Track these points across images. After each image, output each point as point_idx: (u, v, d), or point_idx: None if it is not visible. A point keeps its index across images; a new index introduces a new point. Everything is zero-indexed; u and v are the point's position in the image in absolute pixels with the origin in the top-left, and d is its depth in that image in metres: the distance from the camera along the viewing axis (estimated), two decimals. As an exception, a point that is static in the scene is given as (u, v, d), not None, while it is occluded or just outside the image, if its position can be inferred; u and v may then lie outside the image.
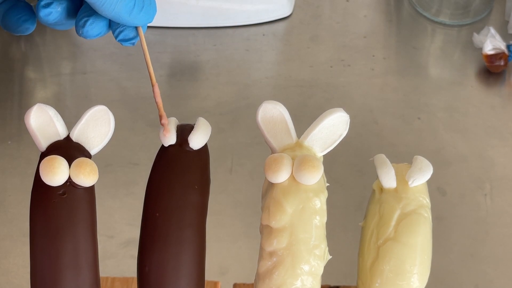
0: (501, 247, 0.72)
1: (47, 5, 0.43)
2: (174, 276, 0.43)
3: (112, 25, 0.43)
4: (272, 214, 0.43)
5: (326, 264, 0.45)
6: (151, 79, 0.44)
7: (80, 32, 0.43)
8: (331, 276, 0.53)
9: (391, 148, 0.79)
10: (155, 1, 0.44)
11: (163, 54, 0.88)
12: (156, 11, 0.44)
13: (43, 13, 0.43)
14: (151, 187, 0.45)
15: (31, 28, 0.45)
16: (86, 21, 0.42)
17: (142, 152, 0.78)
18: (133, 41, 0.44)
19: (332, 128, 0.46)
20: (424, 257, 0.45)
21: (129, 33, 0.43)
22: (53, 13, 0.43)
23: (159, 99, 0.44)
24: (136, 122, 0.81)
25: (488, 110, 0.83)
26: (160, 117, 0.44)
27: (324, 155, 0.46)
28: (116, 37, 0.44)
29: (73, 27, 0.44)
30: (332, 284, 0.58)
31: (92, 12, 0.43)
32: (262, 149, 0.62)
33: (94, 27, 0.43)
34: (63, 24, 0.44)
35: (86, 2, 0.43)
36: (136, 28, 0.43)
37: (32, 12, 0.45)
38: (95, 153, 0.46)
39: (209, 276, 0.47)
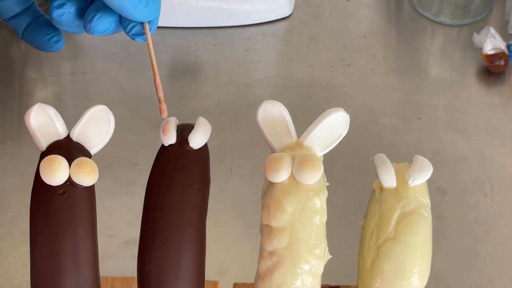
0: (501, 247, 0.72)
1: (60, 5, 0.43)
2: (174, 275, 0.43)
3: (123, 21, 0.44)
4: (272, 213, 0.43)
5: (326, 264, 0.45)
6: (153, 69, 0.44)
7: (88, 28, 0.43)
8: (331, 275, 0.53)
9: (391, 148, 0.79)
10: (159, 2, 0.44)
11: (163, 54, 0.88)
12: (159, 10, 0.44)
13: (56, 13, 0.43)
14: (151, 186, 0.45)
15: (61, 47, 0.46)
16: (93, 16, 0.43)
17: (142, 152, 0.78)
18: (144, 36, 0.44)
19: (332, 128, 0.46)
20: (424, 257, 0.45)
21: (142, 29, 0.44)
22: (66, 14, 0.43)
23: (158, 82, 0.44)
24: (136, 122, 0.81)
25: (488, 110, 0.83)
26: (159, 99, 0.44)
27: (324, 155, 0.46)
28: (128, 32, 0.44)
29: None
30: (332, 284, 0.58)
31: (100, 9, 0.43)
32: (262, 149, 0.62)
33: (101, 22, 0.43)
34: (76, 26, 0.44)
35: (95, 0, 0.44)
36: (142, 23, 0.44)
37: (58, 28, 0.45)
38: (95, 152, 0.46)
39: (209, 275, 0.47)
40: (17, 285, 0.69)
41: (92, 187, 0.44)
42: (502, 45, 0.84)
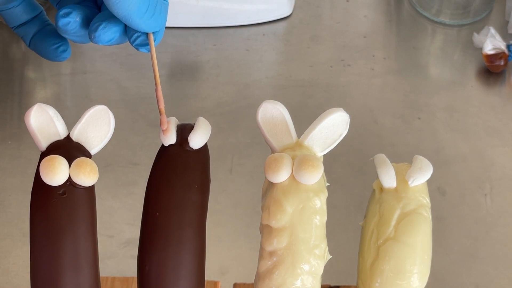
0: (501, 247, 0.72)
1: (66, 14, 0.43)
2: (174, 275, 0.43)
3: (128, 31, 0.44)
4: (272, 213, 0.43)
5: (326, 264, 0.45)
6: (155, 81, 0.44)
7: (92, 37, 0.43)
8: (331, 275, 0.53)
9: (391, 148, 0.79)
10: (166, 13, 0.44)
11: (163, 54, 0.88)
12: (165, 21, 0.44)
13: (61, 22, 0.43)
14: (151, 186, 0.45)
15: (68, 57, 0.46)
16: (98, 26, 0.43)
17: (142, 152, 0.78)
18: (149, 47, 0.44)
19: (332, 128, 0.46)
20: (424, 257, 0.45)
21: (147, 39, 0.44)
22: (71, 23, 0.43)
23: (159, 93, 0.44)
24: (136, 122, 0.81)
25: (488, 110, 0.83)
26: (160, 111, 0.44)
27: (324, 155, 0.46)
28: (132, 42, 0.44)
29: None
30: (332, 284, 0.58)
31: (106, 18, 0.43)
32: (262, 149, 0.62)
33: (106, 32, 0.43)
34: (82, 35, 0.44)
35: (102, 10, 0.44)
36: (147, 34, 0.44)
37: (65, 38, 0.45)
38: (95, 153, 0.46)
39: (209, 276, 0.47)
40: (17, 285, 0.69)
41: (92, 187, 0.44)
42: (502, 45, 0.84)
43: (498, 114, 0.83)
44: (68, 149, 0.44)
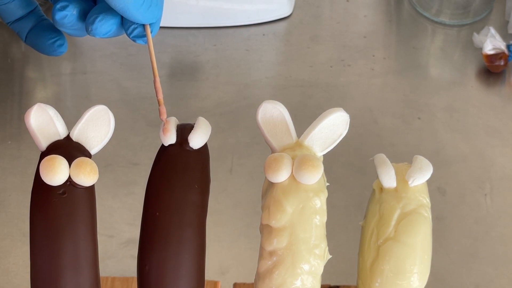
0: (501, 247, 0.72)
1: (63, 8, 0.43)
2: (174, 275, 0.43)
3: (125, 23, 0.44)
4: (272, 213, 0.43)
5: (326, 264, 0.45)
6: (153, 72, 0.44)
7: (89, 30, 0.43)
8: (331, 275, 0.53)
9: (391, 148, 0.79)
10: (162, 4, 0.44)
11: (163, 54, 0.88)
12: (161, 12, 0.44)
13: (58, 16, 0.43)
14: (151, 186, 0.45)
15: (65, 51, 0.46)
16: (95, 18, 0.43)
17: (142, 152, 0.78)
18: (145, 39, 0.44)
19: (332, 128, 0.46)
20: (424, 257, 0.45)
21: (143, 31, 0.44)
22: (68, 16, 0.43)
23: (158, 84, 0.44)
24: (136, 122, 0.81)
25: (488, 110, 0.83)
26: (159, 102, 0.44)
27: (324, 155, 0.46)
28: (129, 34, 0.44)
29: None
30: (332, 284, 0.58)
31: (103, 11, 0.43)
32: (262, 149, 0.62)
33: (103, 24, 0.43)
34: (78, 28, 0.44)
35: (98, 3, 0.44)
36: (144, 25, 0.44)
37: (61, 32, 0.45)
38: (95, 152, 0.46)
39: (209, 275, 0.47)
40: (17, 285, 0.69)
41: (92, 187, 0.44)
42: (502, 45, 0.84)
43: (498, 114, 0.83)
44: (68, 149, 0.44)
